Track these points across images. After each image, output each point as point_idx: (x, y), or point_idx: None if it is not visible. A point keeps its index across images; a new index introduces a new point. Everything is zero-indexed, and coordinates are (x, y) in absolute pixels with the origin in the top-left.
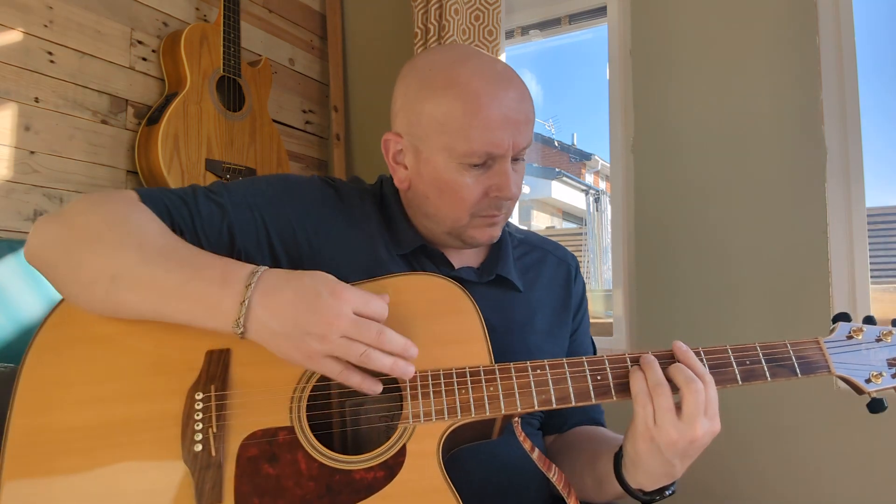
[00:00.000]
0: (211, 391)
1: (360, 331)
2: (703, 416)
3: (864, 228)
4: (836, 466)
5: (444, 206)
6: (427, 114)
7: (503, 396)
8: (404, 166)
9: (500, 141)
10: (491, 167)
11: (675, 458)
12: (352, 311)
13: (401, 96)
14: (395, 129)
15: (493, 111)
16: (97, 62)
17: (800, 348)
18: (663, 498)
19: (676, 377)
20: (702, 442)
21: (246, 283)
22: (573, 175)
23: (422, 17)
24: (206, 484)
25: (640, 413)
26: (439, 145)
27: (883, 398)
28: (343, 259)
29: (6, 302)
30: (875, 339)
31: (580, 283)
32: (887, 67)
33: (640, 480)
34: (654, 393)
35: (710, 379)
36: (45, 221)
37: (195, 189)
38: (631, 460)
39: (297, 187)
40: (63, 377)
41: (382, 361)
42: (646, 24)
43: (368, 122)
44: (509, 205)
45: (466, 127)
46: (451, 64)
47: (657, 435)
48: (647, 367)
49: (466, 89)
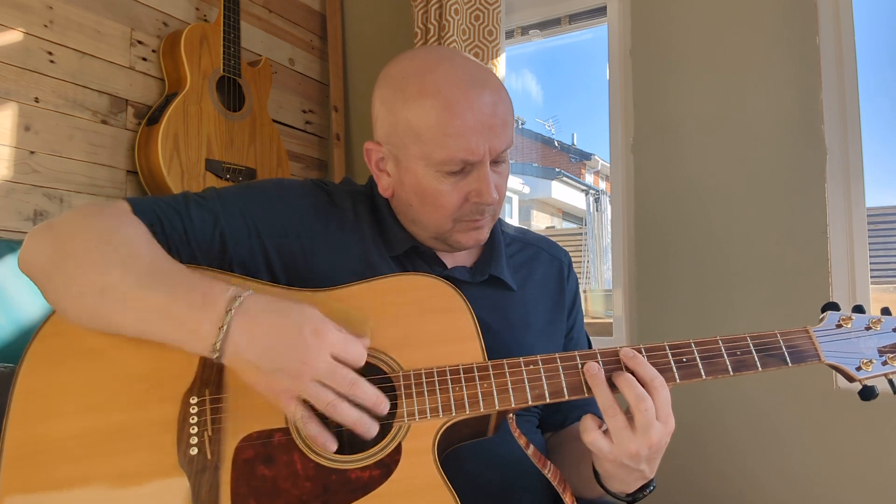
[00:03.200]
0: (205, 395)
1: (335, 377)
2: (656, 422)
3: (864, 228)
4: (830, 469)
5: (427, 213)
6: (402, 123)
7: (497, 392)
8: (387, 174)
9: (476, 147)
10: (469, 173)
11: (641, 465)
12: (330, 355)
13: (377, 105)
14: (375, 138)
15: (468, 118)
16: (97, 62)
17: (790, 338)
18: (645, 495)
19: (626, 393)
20: (661, 444)
21: (227, 308)
22: (573, 175)
23: (422, 17)
24: (202, 487)
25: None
26: (416, 154)
27: (874, 385)
28: (336, 262)
29: (6, 302)
30: (864, 328)
31: (573, 280)
32: (887, 67)
33: (617, 487)
34: (606, 415)
35: (659, 382)
36: (38, 232)
37: (187, 197)
38: (604, 477)
39: (290, 192)
40: (58, 387)
41: (348, 414)
42: (646, 24)
43: (368, 122)
44: (493, 208)
45: (441, 135)
46: (423, 71)
47: (618, 453)
48: (595, 389)
49: (438, 97)
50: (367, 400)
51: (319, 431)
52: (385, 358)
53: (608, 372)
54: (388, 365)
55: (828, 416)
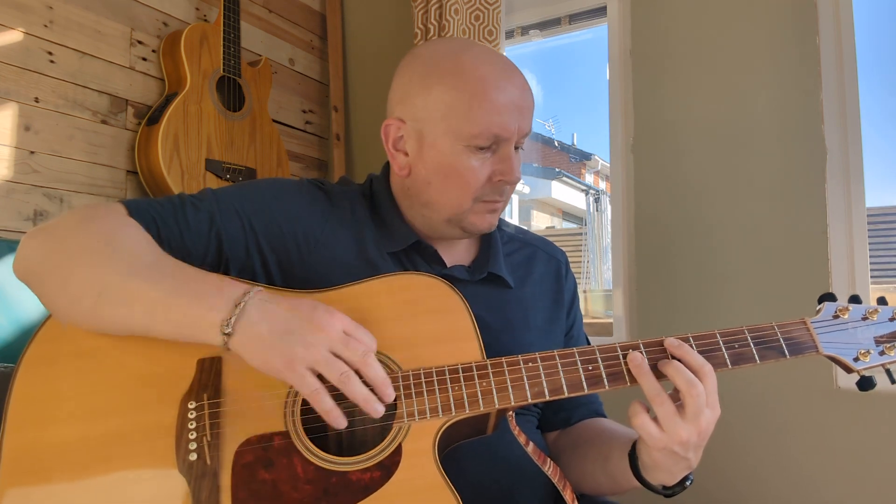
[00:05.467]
0: (204, 399)
1: (348, 348)
2: (706, 409)
3: (864, 228)
4: (830, 465)
5: (448, 191)
6: (434, 98)
7: (496, 391)
8: (405, 153)
9: (507, 124)
10: (496, 151)
11: (689, 453)
12: (342, 330)
13: (404, 83)
14: (396, 115)
15: (501, 95)
16: (97, 62)
17: (787, 329)
18: (684, 489)
19: (677, 380)
20: (709, 430)
21: (244, 291)
22: (573, 175)
23: (422, 17)
24: (202, 492)
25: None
26: (445, 129)
27: (872, 376)
28: (333, 262)
29: (6, 302)
30: (861, 318)
31: (571, 280)
32: (887, 67)
33: (660, 479)
34: (654, 403)
35: (708, 369)
36: (32, 236)
37: (182, 198)
38: (649, 466)
39: (286, 192)
40: (55, 391)
41: (358, 389)
42: (646, 24)
43: (368, 122)
44: (509, 190)
45: (475, 108)
46: (457, 52)
47: (669, 441)
48: (641, 378)
49: (474, 75)
50: (377, 376)
51: (333, 406)
52: (383, 358)
53: (651, 362)
54: (387, 365)
55: (828, 414)
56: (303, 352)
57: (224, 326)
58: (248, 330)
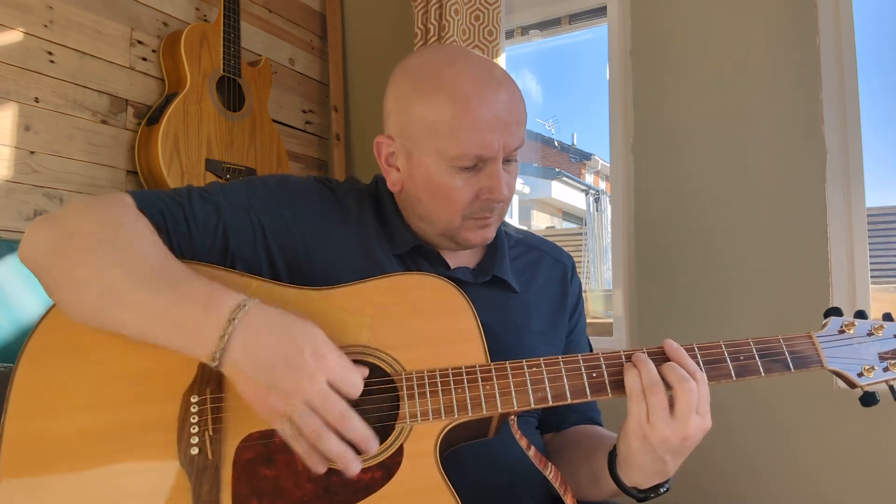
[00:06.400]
0: (206, 394)
1: (325, 405)
2: (695, 413)
3: (864, 228)
4: (832, 467)
5: (436, 208)
6: (417, 116)
7: (499, 395)
8: (396, 168)
9: (490, 143)
10: (482, 169)
11: (666, 455)
12: (326, 381)
13: (392, 99)
14: (387, 132)
15: (483, 113)
16: (97, 62)
17: (792, 343)
18: (658, 495)
19: (669, 376)
20: (694, 439)
21: (230, 318)
22: (573, 175)
23: (422, 18)
24: (203, 487)
25: (633, 410)
26: (430, 148)
27: (875, 392)
28: (338, 260)
29: (6, 302)
30: (867, 333)
31: (576, 284)
32: (887, 67)
33: (633, 478)
34: (649, 392)
35: (701, 376)
36: (39, 223)
37: (190, 190)
38: (624, 458)
39: (294, 189)
40: (57, 382)
41: (332, 447)
42: (646, 24)
43: (368, 122)
44: (502, 206)
45: (456, 129)
46: (441, 66)
47: (650, 432)
48: (641, 366)
49: (455, 91)
50: (355, 437)
51: (310, 452)
52: (387, 358)
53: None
54: (390, 365)
55: (829, 416)
56: (279, 404)
57: (212, 359)
58: (233, 367)
